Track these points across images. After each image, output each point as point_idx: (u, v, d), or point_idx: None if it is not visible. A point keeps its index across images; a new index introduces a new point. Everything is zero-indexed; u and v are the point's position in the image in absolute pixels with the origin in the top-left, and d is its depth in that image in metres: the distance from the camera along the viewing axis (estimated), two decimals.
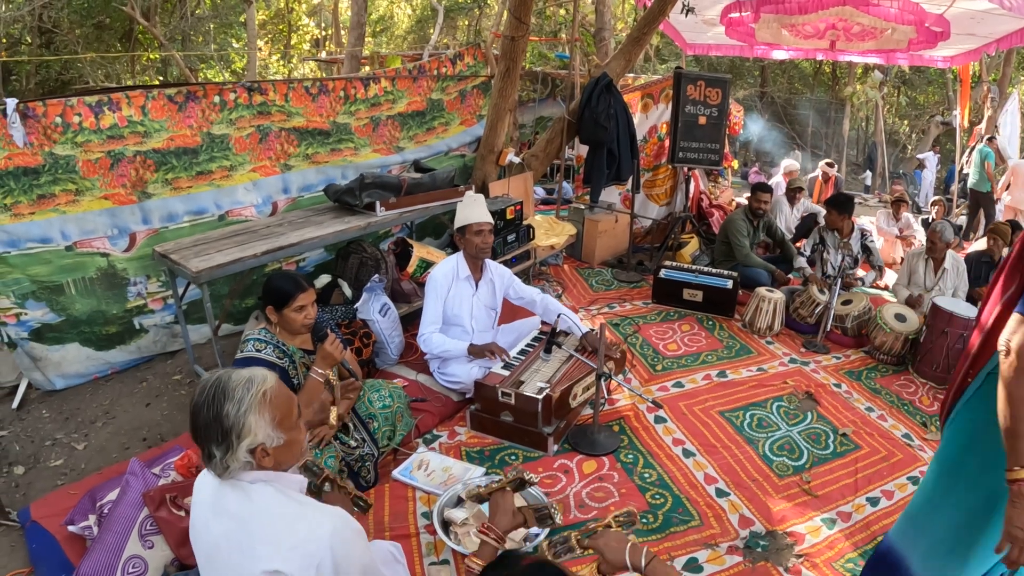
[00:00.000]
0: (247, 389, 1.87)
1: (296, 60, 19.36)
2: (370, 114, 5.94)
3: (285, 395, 1.98)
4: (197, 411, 1.88)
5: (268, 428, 1.88)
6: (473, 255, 4.46)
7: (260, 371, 1.97)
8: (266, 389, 1.90)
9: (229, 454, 1.85)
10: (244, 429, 1.84)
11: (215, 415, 1.84)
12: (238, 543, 1.87)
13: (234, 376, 1.91)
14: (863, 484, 3.92)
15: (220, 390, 1.87)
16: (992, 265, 6.60)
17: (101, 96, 4.44)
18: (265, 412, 1.88)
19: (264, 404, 1.88)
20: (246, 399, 1.86)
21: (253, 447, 1.86)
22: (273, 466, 1.94)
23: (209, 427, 1.85)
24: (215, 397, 1.86)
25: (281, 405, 1.93)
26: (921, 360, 5.36)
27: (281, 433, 1.92)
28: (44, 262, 4.34)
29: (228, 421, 1.84)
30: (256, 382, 1.90)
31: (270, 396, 1.90)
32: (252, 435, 1.85)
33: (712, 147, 7.53)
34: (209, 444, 1.87)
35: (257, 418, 1.86)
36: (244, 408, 1.85)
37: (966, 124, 13.62)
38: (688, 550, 3.29)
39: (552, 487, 3.66)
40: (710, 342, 5.62)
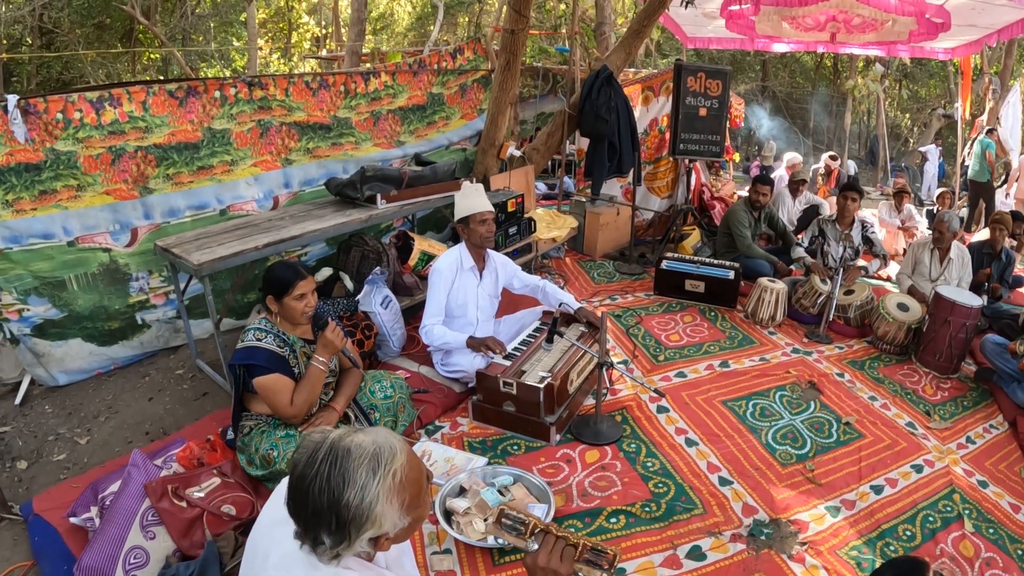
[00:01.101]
0: (372, 471, 1.52)
1: (297, 58, 19.35)
2: (371, 108, 5.94)
3: (416, 467, 1.62)
4: (304, 490, 1.52)
5: (396, 516, 1.55)
6: (478, 244, 4.46)
7: (386, 440, 1.60)
8: (396, 468, 1.55)
9: (344, 545, 1.53)
10: (369, 521, 1.51)
11: (331, 503, 1.49)
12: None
13: (354, 449, 1.54)
14: (867, 472, 3.93)
15: (339, 471, 1.51)
16: (993, 255, 6.59)
17: (102, 92, 4.45)
18: (395, 499, 1.54)
19: (394, 489, 1.54)
20: (372, 485, 1.51)
21: (376, 536, 1.57)
22: (389, 548, 1.67)
23: (321, 515, 1.51)
24: (330, 479, 1.50)
25: (413, 484, 1.58)
26: (924, 349, 5.36)
27: (408, 516, 1.59)
28: (46, 258, 4.34)
29: (349, 512, 1.50)
30: (384, 459, 1.55)
31: (401, 477, 1.55)
32: (377, 526, 1.53)
33: (713, 139, 7.52)
34: (318, 531, 1.53)
35: (386, 507, 1.52)
36: (370, 497, 1.50)
37: (968, 116, 13.57)
38: (691, 538, 3.30)
39: (554, 476, 3.66)
40: (712, 333, 5.62)
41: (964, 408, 4.84)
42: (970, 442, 4.41)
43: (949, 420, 4.64)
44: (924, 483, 3.89)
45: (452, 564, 3.04)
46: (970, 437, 4.46)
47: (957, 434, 4.49)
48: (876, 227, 8.56)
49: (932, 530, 3.49)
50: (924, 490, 3.82)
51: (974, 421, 4.69)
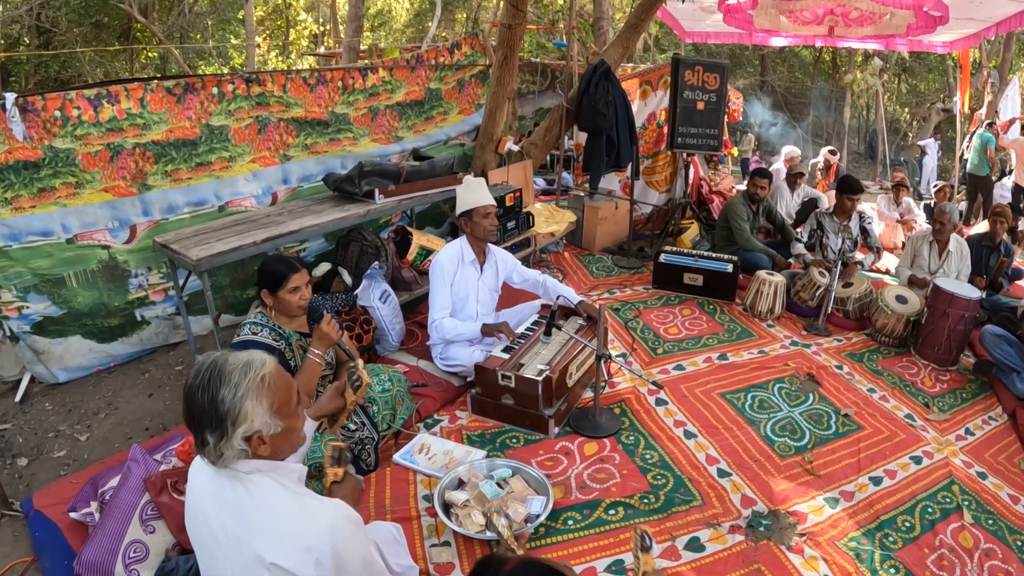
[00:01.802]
0: (244, 373, 1.77)
1: (295, 56, 19.34)
2: (368, 104, 5.95)
3: (284, 380, 1.88)
4: (191, 395, 1.77)
5: (266, 415, 1.78)
6: (481, 238, 4.47)
7: (259, 354, 1.87)
8: (264, 374, 1.80)
9: (224, 441, 1.75)
10: (240, 416, 1.75)
11: (210, 400, 1.74)
12: (236, 536, 1.81)
13: (231, 359, 1.81)
14: (866, 464, 3.93)
15: (216, 374, 1.77)
16: (992, 248, 6.59)
17: (100, 89, 4.45)
18: (263, 398, 1.78)
19: (262, 389, 1.78)
20: (243, 384, 1.76)
21: (249, 434, 1.77)
22: (269, 455, 1.85)
23: (204, 413, 1.75)
24: (210, 381, 1.76)
25: (280, 391, 1.83)
26: (923, 342, 5.36)
27: (279, 420, 1.82)
28: (45, 255, 4.34)
29: (224, 407, 1.74)
30: (254, 366, 1.80)
31: (268, 381, 1.80)
32: (249, 422, 1.76)
33: (711, 132, 7.52)
34: (203, 430, 1.77)
35: (254, 404, 1.76)
36: (241, 393, 1.75)
37: (966, 110, 13.59)
38: (690, 529, 3.30)
39: (553, 469, 3.66)
40: (711, 326, 5.62)
41: (963, 400, 4.84)
42: (969, 434, 4.40)
43: (948, 412, 4.64)
44: (923, 474, 3.89)
45: (451, 556, 3.04)
46: (969, 429, 4.46)
47: (956, 426, 4.48)
48: (875, 220, 8.58)
49: (931, 521, 3.49)
50: (923, 481, 3.82)
51: (973, 413, 4.68)
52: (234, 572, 1.83)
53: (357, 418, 3.54)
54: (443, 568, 2.98)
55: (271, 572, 1.76)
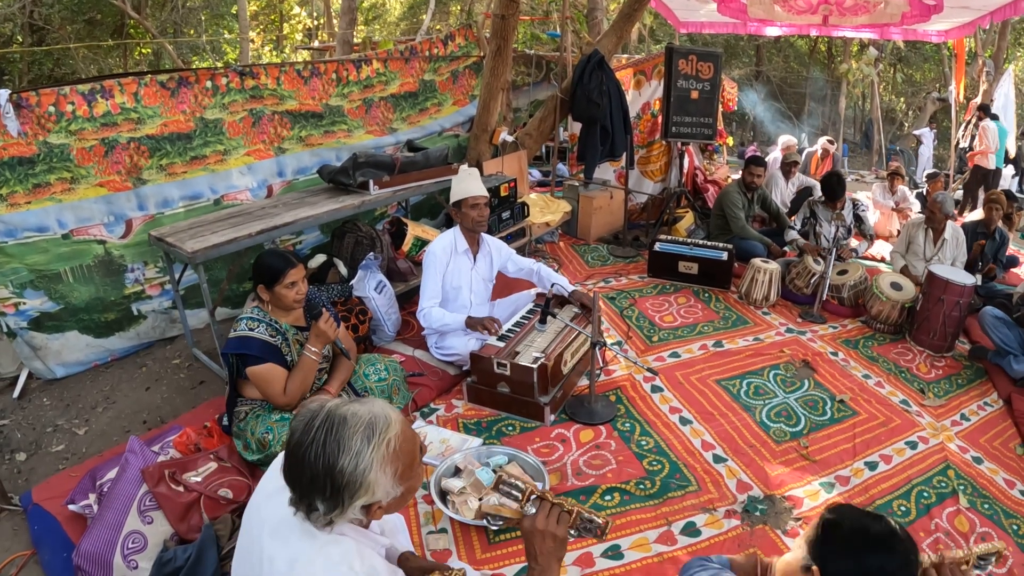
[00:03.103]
0: (367, 439, 1.56)
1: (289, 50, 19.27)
2: (363, 96, 5.94)
3: (410, 439, 1.66)
4: (301, 456, 1.55)
5: (389, 485, 1.59)
6: (470, 228, 4.48)
7: (382, 410, 1.63)
8: (391, 437, 1.58)
9: (337, 511, 1.56)
10: (362, 489, 1.55)
11: (326, 469, 1.53)
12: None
13: (350, 417, 1.58)
14: (861, 449, 3.95)
15: (334, 437, 1.54)
16: (987, 235, 6.61)
17: (94, 84, 4.43)
18: (388, 466, 1.57)
19: (388, 457, 1.57)
20: (366, 453, 1.54)
21: (369, 504, 1.59)
22: (380, 518, 1.69)
23: (316, 481, 1.54)
24: (326, 445, 1.54)
25: (406, 453, 1.62)
26: (918, 328, 5.38)
27: (401, 486, 1.62)
28: (41, 251, 4.33)
29: (343, 478, 1.53)
30: (379, 428, 1.58)
31: (395, 446, 1.59)
32: (371, 494, 1.56)
33: (705, 121, 7.52)
34: (313, 496, 1.56)
35: (379, 475, 1.56)
36: (364, 465, 1.54)
37: (962, 100, 13.58)
38: (686, 514, 3.32)
39: (549, 456, 3.69)
40: (706, 313, 5.64)
41: (958, 386, 4.86)
42: (964, 419, 4.43)
43: (943, 397, 4.66)
44: (918, 459, 3.91)
45: (448, 543, 3.06)
46: (964, 414, 4.48)
47: (951, 411, 4.51)
48: (870, 209, 8.59)
49: (927, 505, 3.51)
50: (919, 466, 3.85)
51: (968, 399, 4.71)
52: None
53: None
54: (440, 555, 3.00)
55: None
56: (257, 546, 1.70)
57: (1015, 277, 7.09)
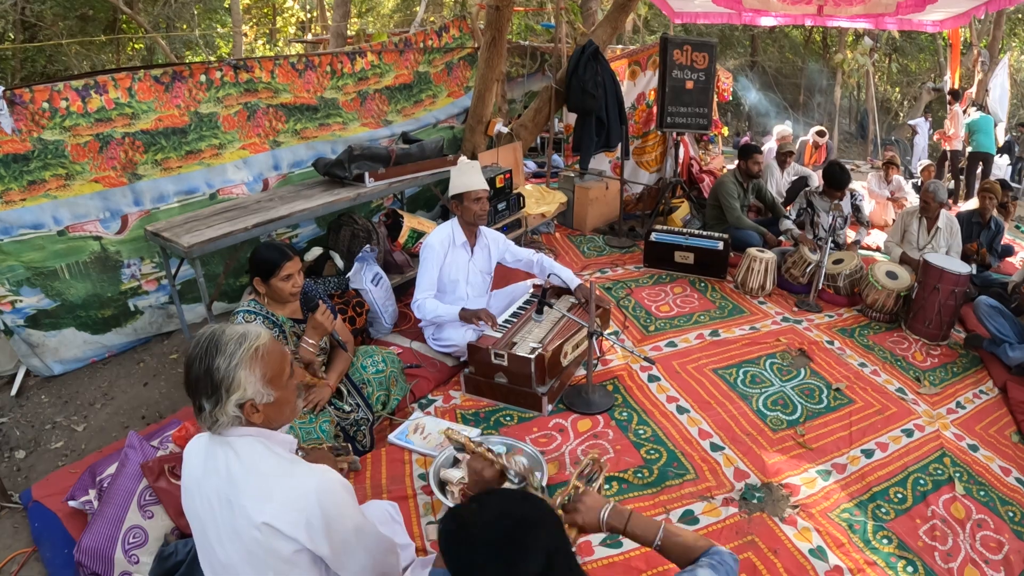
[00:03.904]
0: (239, 344, 1.86)
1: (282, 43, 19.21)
2: (357, 88, 5.94)
3: (278, 353, 1.96)
4: (190, 364, 1.87)
5: (258, 384, 1.86)
6: (471, 222, 4.47)
7: (255, 327, 1.96)
8: (259, 345, 1.89)
9: (218, 407, 1.84)
10: (234, 383, 1.83)
11: (206, 368, 1.83)
12: (227, 498, 1.87)
13: (228, 331, 1.90)
14: (857, 437, 3.97)
15: (213, 344, 1.86)
16: (983, 224, 6.62)
17: (87, 80, 4.43)
18: (256, 368, 1.86)
19: (255, 360, 1.86)
20: (237, 353, 1.84)
21: (242, 402, 1.85)
22: (263, 423, 1.93)
23: (200, 380, 1.84)
24: (207, 351, 1.85)
25: (273, 362, 1.91)
26: (914, 317, 5.39)
27: (272, 391, 1.90)
28: (37, 248, 4.32)
29: (218, 374, 1.82)
30: (249, 337, 1.89)
31: (262, 352, 1.89)
32: (241, 390, 1.84)
33: (700, 111, 7.52)
34: (200, 397, 1.85)
35: (247, 373, 1.84)
36: (235, 362, 1.83)
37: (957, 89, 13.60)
38: (684, 502, 3.34)
39: (547, 446, 3.70)
40: (702, 303, 5.66)
41: (954, 374, 4.88)
42: (960, 407, 4.45)
43: (939, 386, 4.68)
44: (914, 447, 3.93)
45: None
46: (960, 402, 4.50)
47: (947, 399, 4.53)
48: (865, 198, 8.60)
49: (923, 492, 3.53)
50: (914, 454, 3.86)
51: (964, 387, 4.73)
52: (228, 536, 1.88)
53: (352, 400, 3.57)
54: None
55: (262, 532, 1.82)
56: (199, 504, 1.96)
57: (1010, 266, 7.11)
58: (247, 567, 1.88)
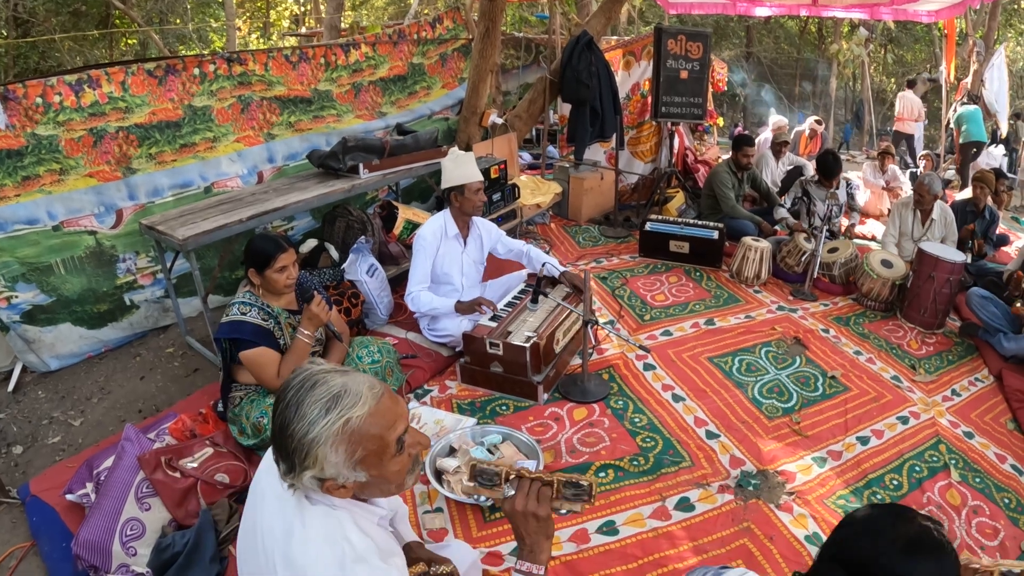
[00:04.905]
0: (325, 410, 1.45)
1: (276, 37, 19.15)
2: (352, 80, 5.94)
3: (381, 425, 1.50)
4: (275, 409, 1.52)
5: (343, 467, 1.47)
6: (470, 213, 4.48)
7: (360, 385, 1.51)
8: (351, 417, 1.46)
9: (292, 475, 1.49)
10: (308, 457, 1.45)
11: (280, 428, 1.48)
12: (271, 549, 1.57)
13: (321, 384, 1.48)
14: (853, 424, 3.99)
15: (297, 399, 1.47)
16: (977, 213, 6.63)
17: (80, 74, 4.42)
18: (341, 447, 1.46)
19: (342, 437, 1.45)
20: (319, 424, 1.44)
21: (321, 478, 1.49)
22: (352, 496, 1.57)
23: (275, 436, 1.50)
24: (288, 405, 1.48)
25: (370, 439, 1.49)
26: (909, 305, 5.40)
27: (363, 472, 1.51)
28: (32, 243, 4.31)
29: (292, 443, 1.45)
30: (343, 402, 1.46)
31: (355, 427, 1.46)
32: (318, 467, 1.46)
33: (695, 101, 7.50)
34: (276, 452, 1.53)
35: (329, 451, 1.45)
36: (314, 435, 1.44)
37: (952, 80, 13.61)
38: (680, 490, 3.35)
39: (543, 434, 3.71)
40: (698, 292, 5.67)
41: (949, 362, 4.90)
42: (955, 395, 4.46)
43: (934, 373, 4.70)
44: (910, 434, 3.95)
45: (444, 522, 3.08)
46: (955, 390, 4.52)
47: (942, 387, 4.54)
48: (861, 188, 8.62)
49: (919, 479, 3.55)
50: (910, 441, 3.88)
51: (959, 374, 4.74)
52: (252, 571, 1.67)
53: None
54: (436, 534, 3.02)
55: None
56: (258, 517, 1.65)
57: (1005, 255, 7.12)
58: None
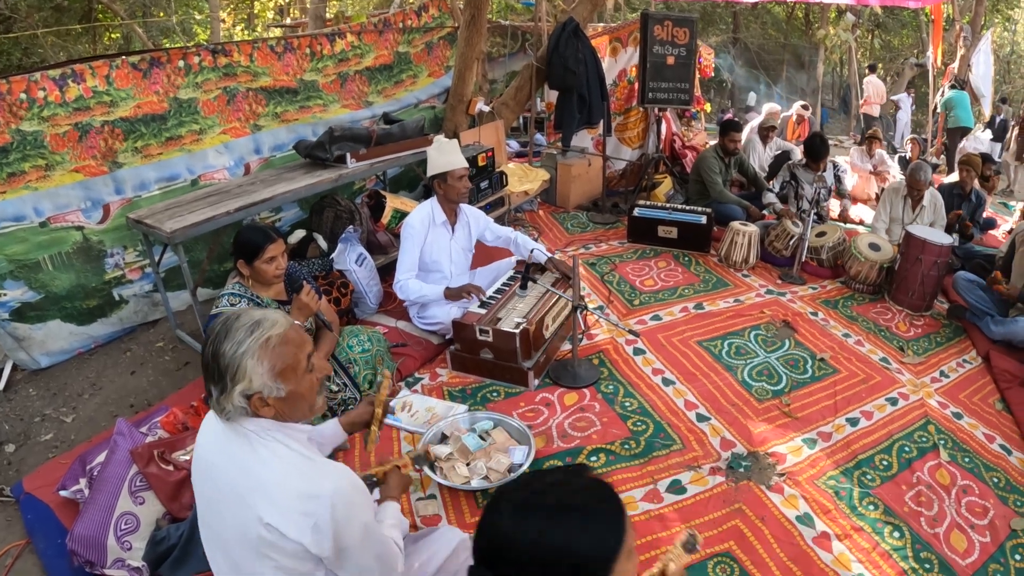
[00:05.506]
0: (250, 331, 1.74)
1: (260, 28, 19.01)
2: (337, 70, 5.92)
3: (295, 344, 1.81)
4: (203, 346, 1.78)
5: (266, 377, 1.73)
6: (455, 200, 4.47)
7: (274, 314, 1.83)
8: (272, 334, 1.76)
9: (224, 396, 1.73)
10: (239, 373, 1.71)
11: (213, 352, 1.73)
12: (238, 493, 1.77)
13: (244, 316, 1.79)
14: (842, 406, 4.02)
15: (224, 327, 1.76)
16: (963, 197, 6.66)
17: (64, 69, 4.38)
18: (265, 359, 1.73)
19: (265, 350, 1.73)
20: (246, 341, 1.73)
21: (248, 393, 1.73)
22: (274, 417, 1.80)
23: (208, 364, 1.75)
24: (218, 335, 1.75)
25: (286, 354, 1.78)
26: (897, 288, 5.44)
27: (282, 384, 1.76)
28: (19, 240, 4.28)
29: (223, 361, 1.72)
30: (263, 325, 1.77)
31: (274, 343, 1.75)
32: (247, 380, 1.72)
33: (682, 87, 7.49)
34: (208, 381, 1.77)
35: (255, 363, 1.72)
36: (242, 350, 1.72)
37: (939, 65, 13.66)
38: (671, 472, 3.37)
39: (534, 420, 3.72)
40: (687, 277, 5.68)
41: (937, 344, 4.93)
42: (944, 376, 4.50)
43: (923, 355, 4.73)
44: (899, 415, 3.98)
45: (437, 508, 3.10)
46: (944, 371, 4.56)
47: (931, 368, 4.58)
48: (848, 172, 8.65)
49: (908, 459, 3.59)
50: (899, 422, 3.92)
51: (948, 356, 4.78)
52: (234, 527, 1.81)
53: (339, 379, 3.58)
54: (430, 520, 3.04)
55: (267, 531, 1.73)
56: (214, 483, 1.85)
57: (992, 239, 7.17)
58: (248, 555, 1.80)
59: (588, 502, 1.37)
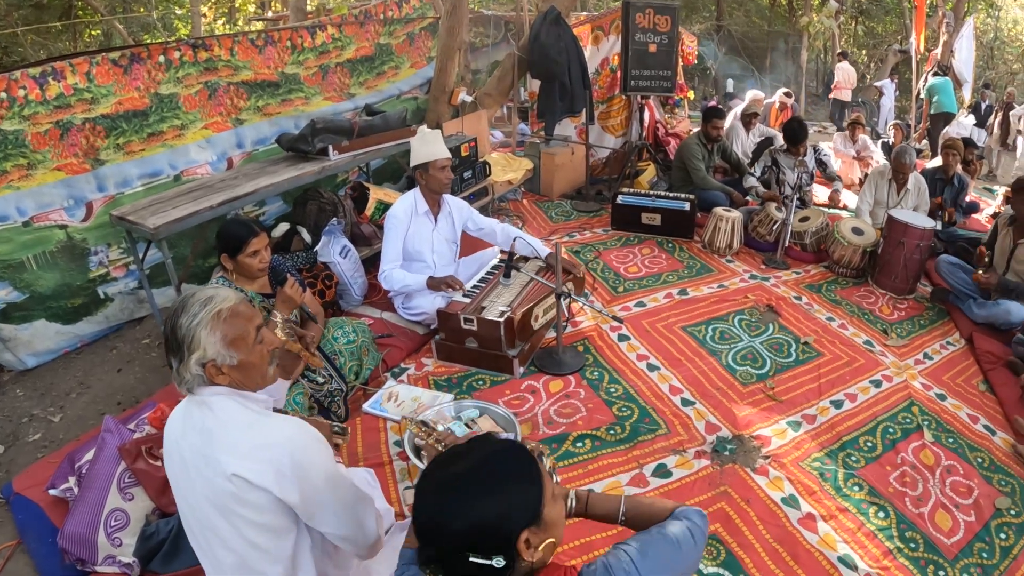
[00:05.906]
0: (203, 305, 1.91)
1: (242, 22, 18.89)
2: (319, 62, 5.91)
3: (244, 316, 1.98)
4: (163, 322, 1.93)
5: (219, 345, 1.89)
6: (437, 191, 4.48)
7: (226, 291, 1.99)
8: (222, 308, 1.92)
9: (182, 365, 1.89)
10: (194, 342, 1.87)
11: (172, 327, 1.90)
12: (203, 455, 1.90)
13: (198, 293, 1.95)
14: (827, 388, 4.05)
15: (181, 303, 1.92)
16: (946, 181, 6.70)
17: (44, 67, 4.35)
18: (217, 329, 1.89)
19: (217, 321, 1.90)
20: (200, 314, 1.89)
21: (203, 362, 1.89)
22: (229, 385, 1.95)
23: (168, 338, 1.91)
24: (176, 311, 1.91)
25: (236, 325, 1.94)
26: (880, 271, 5.48)
27: (234, 353, 1.92)
28: (3, 240, 4.24)
29: (180, 332, 1.88)
30: (215, 300, 1.93)
31: (225, 315, 1.92)
32: (201, 349, 1.88)
33: (664, 74, 7.51)
34: (168, 354, 1.92)
35: (207, 333, 1.88)
36: (196, 322, 1.88)
37: (922, 51, 13.71)
38: (656, 457, 3.40)
39: (520, 407, 3.74)
40: (670, 263, 5.71)
41: (921, 326, 4.98)
42: (927, 358, 4.54)
43: (906, 338, 4.77)
44: (883, 397, 4.02)
45: None
46: (927, 353, 4.60)
47: (915, 350, 4.62)
48: (832, 157, 8.68)
49: (892, 440, 3.62)
50: (883, 403, 3.95)
51: (931, 338, 4.82)
52: (204, 491, 1.92)
53: (325, 371, 3.58)
54: None
55: (233, 483, 1.85)
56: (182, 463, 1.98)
57: (976, 223, 7.22)
58: (221, 521, 1.91)
59: (497, 469, 1.47)
